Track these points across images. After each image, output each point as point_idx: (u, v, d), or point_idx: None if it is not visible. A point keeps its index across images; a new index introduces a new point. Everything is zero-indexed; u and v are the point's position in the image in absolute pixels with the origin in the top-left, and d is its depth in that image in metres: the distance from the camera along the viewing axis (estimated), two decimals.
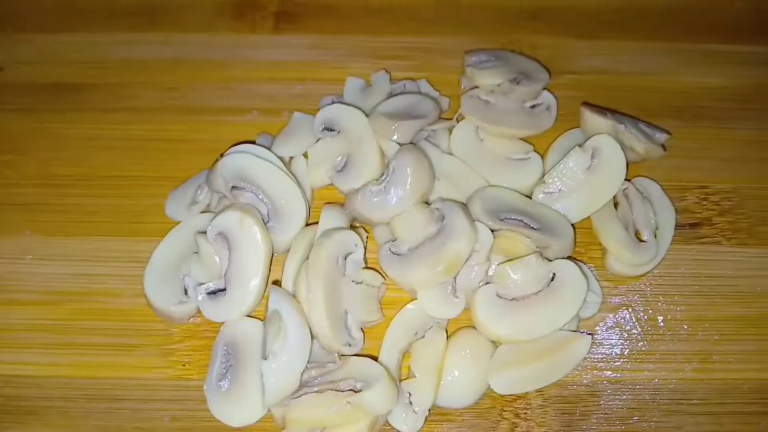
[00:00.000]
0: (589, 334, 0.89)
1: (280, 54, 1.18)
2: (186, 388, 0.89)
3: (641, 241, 0.97)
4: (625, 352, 0.93)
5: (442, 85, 1.12)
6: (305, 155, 1.03)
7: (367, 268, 0.94)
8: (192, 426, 0.87)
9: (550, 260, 0.91)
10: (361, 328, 0.90)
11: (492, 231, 0.92)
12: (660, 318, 0.95)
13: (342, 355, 0.87)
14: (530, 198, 0.99)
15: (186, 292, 0.93)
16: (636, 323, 0.95)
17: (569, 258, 0.94)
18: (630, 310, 0.95)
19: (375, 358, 0.87)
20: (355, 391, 0.81)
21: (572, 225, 0.96)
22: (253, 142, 1.03)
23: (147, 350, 0.91)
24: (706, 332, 0.94)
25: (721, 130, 1.11)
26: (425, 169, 0.95)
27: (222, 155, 0.97)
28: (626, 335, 0.94)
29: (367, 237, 0.97)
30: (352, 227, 0.97)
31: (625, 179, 0.98)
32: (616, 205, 1.00)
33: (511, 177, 1.01)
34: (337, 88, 1.12)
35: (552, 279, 0.90)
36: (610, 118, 1.02)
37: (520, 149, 1.05)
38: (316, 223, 0.94)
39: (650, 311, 0.95)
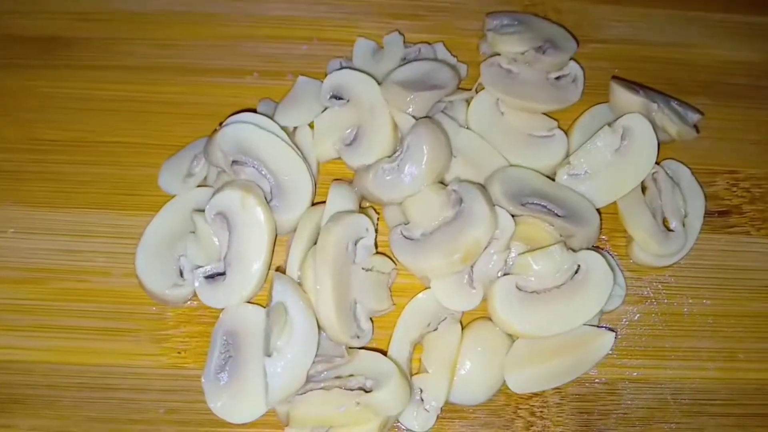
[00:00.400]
0: (611, 330, 0.80)
1: (283, 9, 1.03)
2: (182, 377, 0.79)
3: (669, 230, 0.87)
4: (648, 349, 0.84)
5: (460, 50, 0.99)
6: (311, 125, 0.91)
7: (377, 253, 0.83)
8: (189, 419, 0.78)
9: (574, 250, 0.81)
10: (371, 318, 0.80)
11: (513, 216, 0.81)
12: (685, 312, 0.86)
13: (350, 348, 0.77)
14: (553, 179, 0.88)
15: (181, 274, 0.82)
16: (659, 317, 0.85)
17: (594, 248, 0.84)
18: (654, 303, 0.86)
19: (384, 353, 0.78)
20: (365, 390, 0.72)
21: (597, 211, 0.85)
22: (254, 110, 0.91)
23: (139, 335, 0.81)
24: (732, 328, 0.85)
25: (753, 110, 1.00)
26: (442, 146, 0.84)
27: (221, 125, 0.84)
28: (649, 330, 0.85)
29: (378, 218, 0.87)
30: (361, 207, 0.86)
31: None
32: (643, 189, 0.90)
33: (533, 156, 0.90)
34: (346, 49, 0.99)
35: (576, 271, 0.80)
36: (642, 96, 0.90)
37: (544, 125, 0.93)
38: (323, 202, 0.83)
39: (675, 304, 0.86)
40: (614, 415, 0.80)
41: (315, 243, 0.79)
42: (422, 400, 0.77)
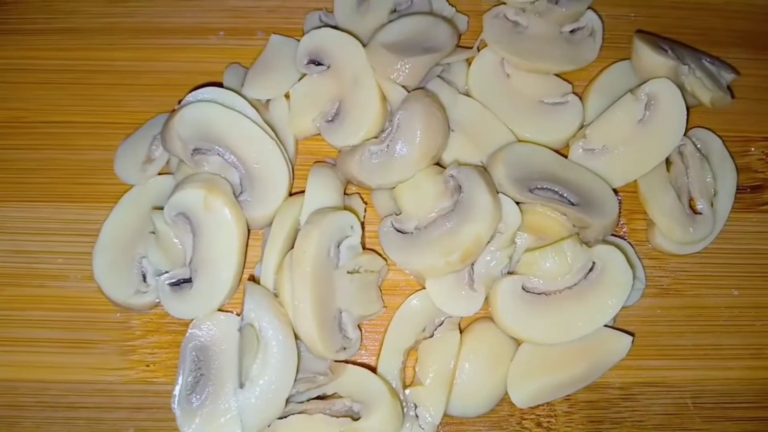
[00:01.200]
0: (628, 333, 0.67)
1: None
2: (152, 393, 0.68)
3: (695, 212, 0.73)
4: (667, 347, 0.72)
5: None
6: (287, 96, 0.74)
7: (365, 250, 0.69)
8: None
9: (588, 245, 0.67)
10: (359, 325, 0.68)
11: (519, 204, 0.67)
12: (709, 304, 0.73)
13: (336, 360, 0.65)
14: (565, 156, 0.72)
15: (145, 278, 0.69)
16: (681, 311, 0.73)
17: (612, 235, 0.70)
18: (675, 295, 0.73)
19: (374, 369, 0.66)
20: (353, 418, 0.61)
21: (615, 191, 0.71)
22: (220, 82, 0.74)
23: (103, 347, 0.69)
24: (761, 322, 0.73)
25: None
26: (438, 125, 0.68)
27: (180, 104, 0.68)
28: (669, 326, 0.72)
29: (366, 207, 0.72)
30: (347, 193, 0.72)
31: None
32: (668, 164, 0.74)
33: (543, 127, 0.75)
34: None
35: (590, 269, 0.66)
36: (670, 57, 0.73)
37: (556, 89, 0.77)
38: (302, 192, 0.68)
39: (698, 296, 0.73)
40: (628, 423, 0.69)
41: (293, 243, 0.65)
42: (417, 416, 0.66)
